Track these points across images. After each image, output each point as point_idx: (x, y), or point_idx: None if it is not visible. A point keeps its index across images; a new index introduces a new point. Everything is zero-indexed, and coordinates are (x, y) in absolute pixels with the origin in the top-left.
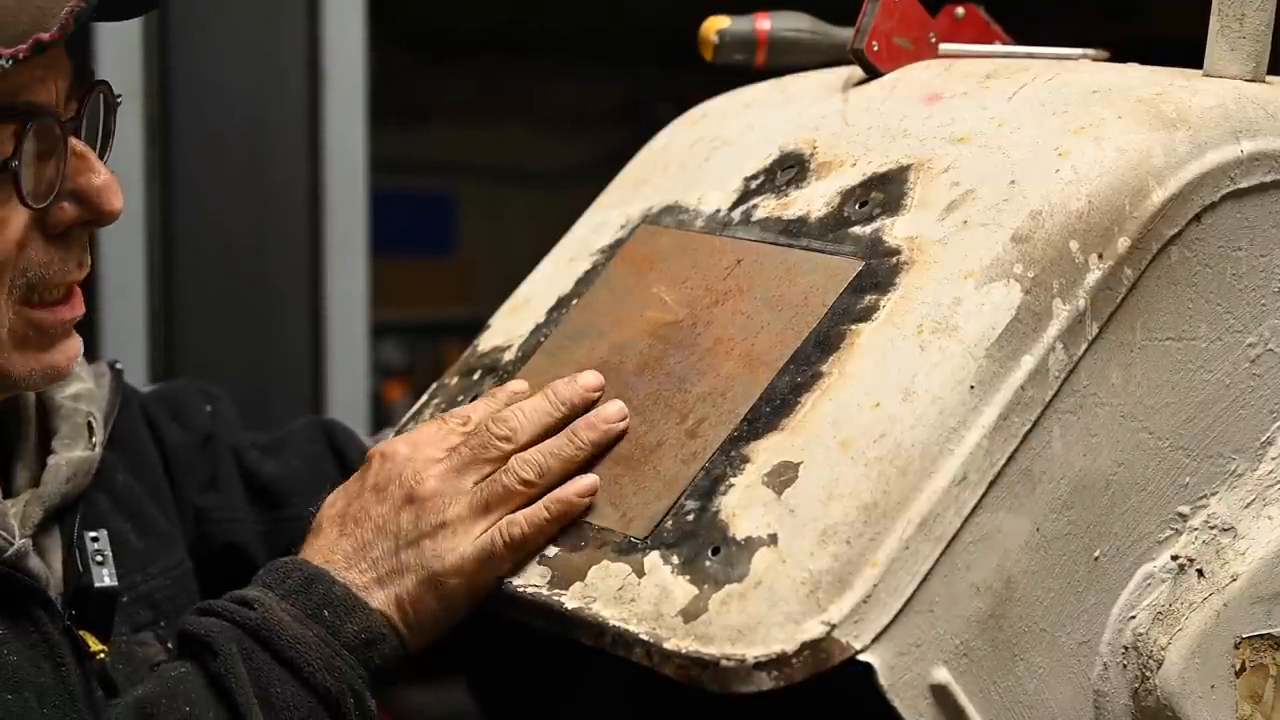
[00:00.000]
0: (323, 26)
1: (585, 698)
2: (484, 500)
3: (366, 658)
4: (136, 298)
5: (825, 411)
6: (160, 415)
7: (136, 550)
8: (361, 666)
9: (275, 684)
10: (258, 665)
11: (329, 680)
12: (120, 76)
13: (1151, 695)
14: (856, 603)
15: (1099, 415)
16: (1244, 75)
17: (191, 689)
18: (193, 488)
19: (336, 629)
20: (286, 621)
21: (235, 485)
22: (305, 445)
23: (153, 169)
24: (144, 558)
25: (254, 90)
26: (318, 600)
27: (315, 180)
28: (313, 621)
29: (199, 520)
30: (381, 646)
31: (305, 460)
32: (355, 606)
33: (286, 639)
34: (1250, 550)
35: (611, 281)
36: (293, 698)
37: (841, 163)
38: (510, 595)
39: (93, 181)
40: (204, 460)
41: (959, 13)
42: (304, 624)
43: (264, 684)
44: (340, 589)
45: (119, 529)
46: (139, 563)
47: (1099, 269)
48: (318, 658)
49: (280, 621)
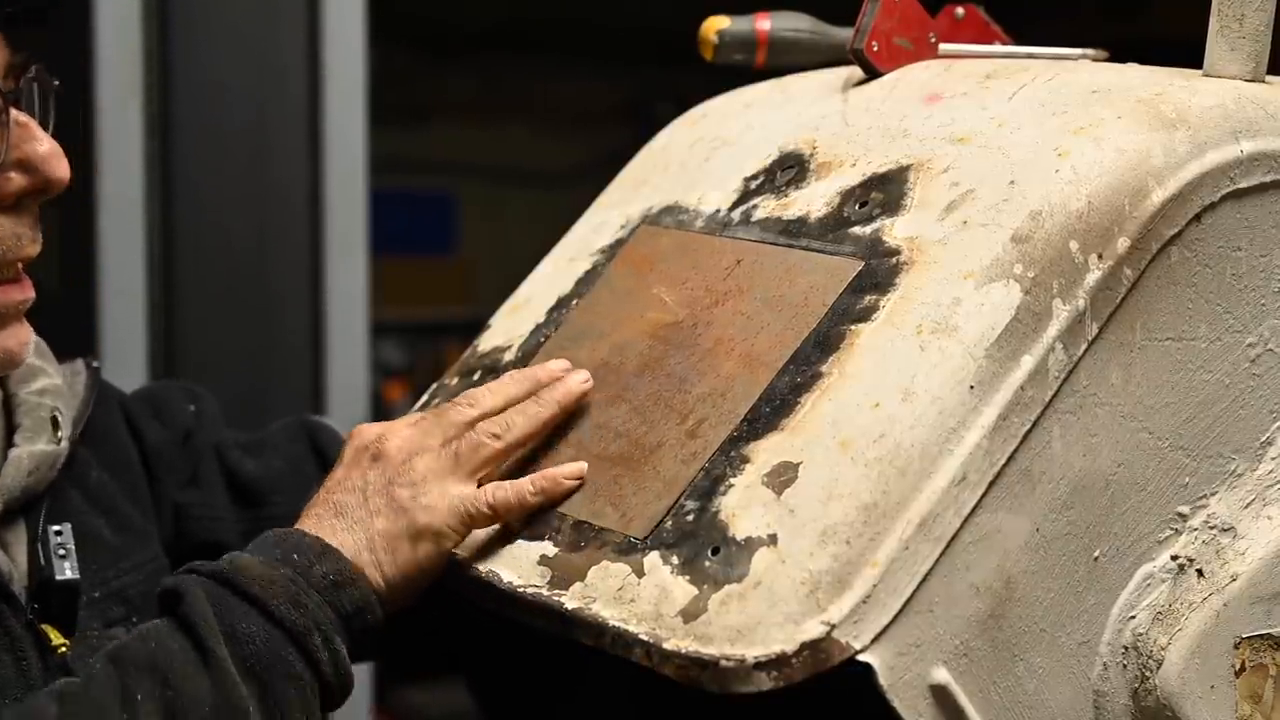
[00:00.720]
0: (323, 25)
1: (585, 698)
2: (453, 453)
3: (335, 599)
4: (136, 297)
5: (825, 412)
6: (141, 413)
7: (110, 546)
8: (329, 607)
9: (241, 620)
10: (224, 605)
11: (294, 615)
12: (120, 76)
13: (1151, 695)
14: (856, 603)
15: (1099, 415)
16: (1244, 75)
17: (159, 630)
18: (173, 485)
19: (305, 570)
20: (254, 564)
21: (216, 483)
22: (287, 445)
23: (153, 167)
24: (117, 553)
25: (254, 90)
26: (288, 549)
27: (315, 180)
28: (281, 565)
29: (178, 517)
30: (351, 590)
31: (287, 460)
32: (325, 551)
33: (251, 577)
34: (1250, 550)
35: (612, 282)
36: (259, 632)
37: (841, 163)
38: (510, 595)
39: (38, 150)
40: (184, 457)
41: (959, 13)
42: (272, 566)
43: (229, 620)
44: (311, 539)
45: (92, 524)
46: (112, 558)
47: (1099, 269)
48: (283, 593)
49: (247, 565)
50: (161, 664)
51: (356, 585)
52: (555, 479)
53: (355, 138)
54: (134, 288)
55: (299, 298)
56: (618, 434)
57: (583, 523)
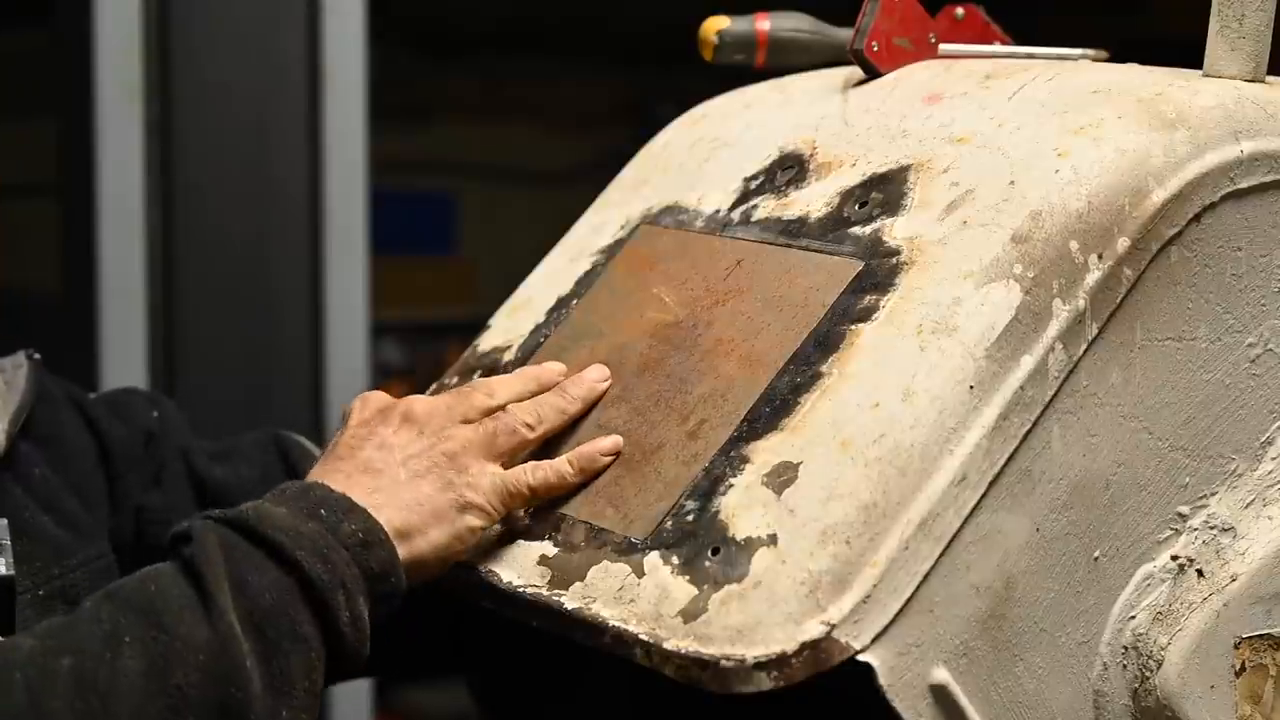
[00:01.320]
0: (323, 25)
1: (585, 698)
2: (491, 432)
3: (363, 559)
4: (136, 297)
5: (825, 412)
6: (100, 413)
7: (54, 543)
8: (356, 565)
9: (252, 571)
10: (237, 552)
11: (320, 569)
12: (120, 76)
13: (1151, 695)
14: (856, 603)
15: (1099, 415)
16: (1244, 75)
17: (162, 573)
18: (134, 484)
19: (334, 526)
20: (280, 514)
21: (182, 487)
22: (258, 455)
23: (153, 167)
24: (62, 551)
25: (254, 90)
26: (315, 500)
27: (315, 180)
28: (307, 518)
29: (139, 519)
30: (379, 551)
31: (256, 469)
32: (354, 509)
33: (273, 525)
34: (1250, 550)
35: (612, 282)
36: (271, 584)
37: (841, 163)
38: (510, 595)
39: None
40: (147, 458)
41: (959, 13)
42: (298, 518)
43: (240, 570)
44: (338, 495)
45: (35, 521)
46: (56, 555)
47: (1099, 269)
48: (309, 545)
49: (272, 514)
50: (158, 607)
51: (384, 546)
52: (593, 456)
53: (355, 138)
54: (134, 287)
55: (299, 298)
56: (618, 434)
57: (583, 523)
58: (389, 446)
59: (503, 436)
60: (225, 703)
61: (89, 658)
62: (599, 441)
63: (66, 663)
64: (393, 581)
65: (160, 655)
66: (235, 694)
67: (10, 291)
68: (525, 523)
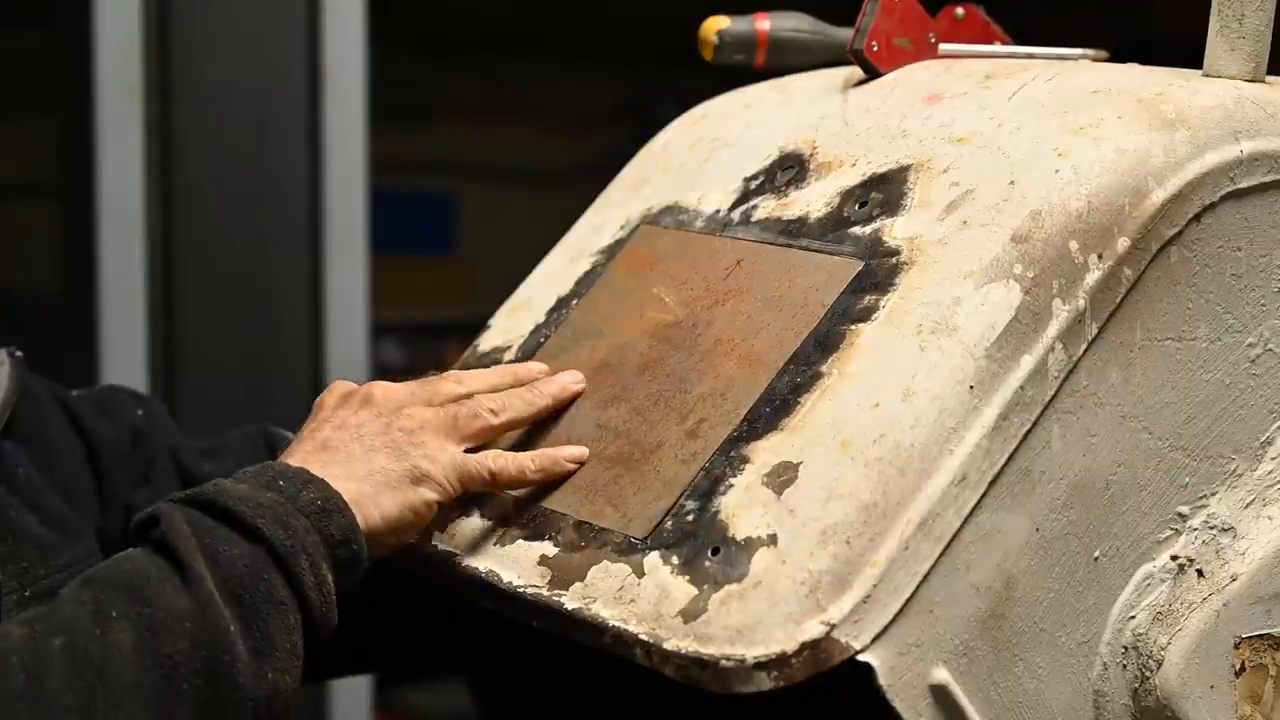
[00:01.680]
0: (323, 25)
1: (585, 698)
2: (452, 415)
3: (322, 525)
4: (136, 297)
5: (825, 412)
6: (85, 411)
7: (39, 543)
8: (316, 532)
9: (222, 542)
10: (203, 527)
11: (281, 535)
12: (120, 76)
13: (1151, 695)
14: (856, 603)
15: (1099, 415)
16: (1244, 75)
17: (135, 555)
18: (123, 483)
19: (293, 495)
20: (238, 487)
21: (171, 484)
22: (248, 451)
23: (153, 167)
24: (47, 551)
25: (254, 90)
26: (273, 475)
27: (315, 180)
28: (265, 489)
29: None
30: (339, 518)
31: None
32: (311, 479)
33: (234, 498)
34: (1250, 550)
35: (612, 282)
36: (241, 554)
37: (841, 163)
38: (510, 595)
39: None
40: (135, 456)
41: (959, 13)
42: (257, 490)
43: (210, 543)
44: (295, 469)
45: (21, 520)
46: (42, 556)
47: (1099, 269)
48: (270, 515)
49: (230, 488)
50: (138, 583)
51: (344, 514)
52: (555, 459)
53: (355, 138)
54: (134, 287)
55: (299, 298)
56: (618, 434)
57: (583, 523)
58: (346, 426)
59: (464, 420)
60: (213, 667)
61: (79, 636)
62: (565, 448)
63: (59, 643)
64: (354, 548)
65: (147, 628)
66: (222, 657)
67: (10, 291)
68: (525, 520)
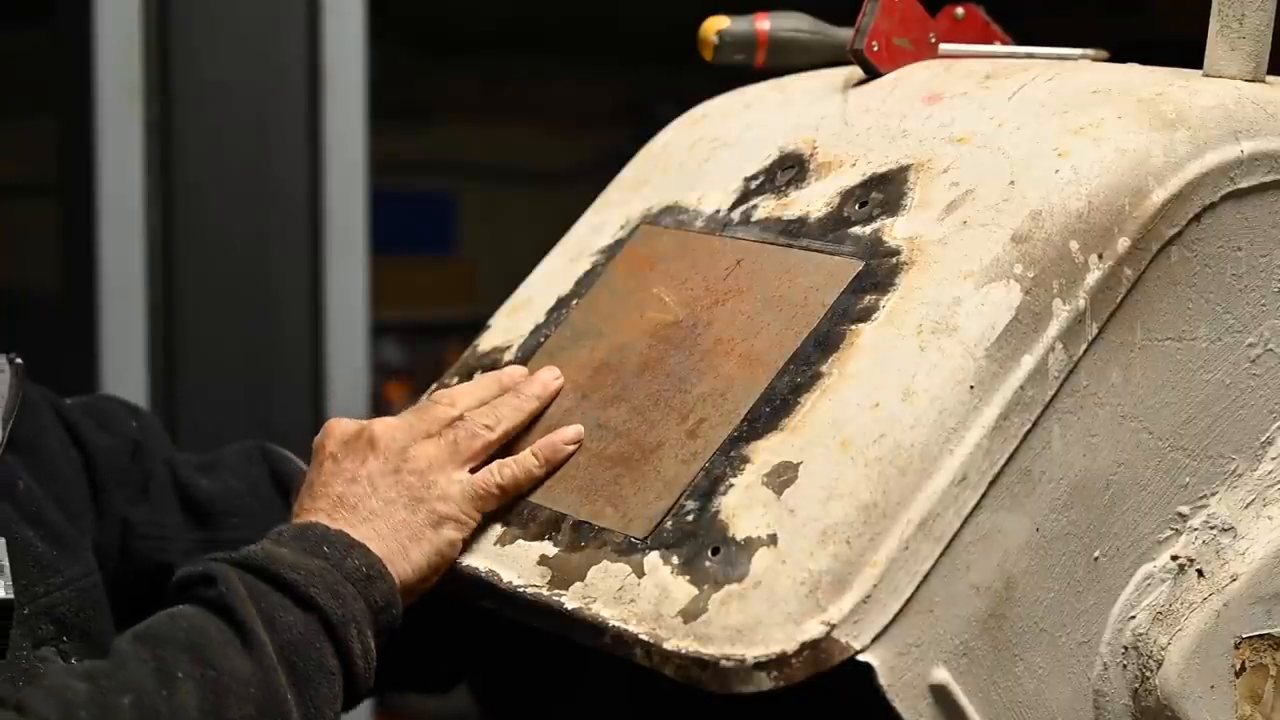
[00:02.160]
0: (323, 25)
1: (585, 698)
2: (452, 442)
3: (367, 591)
4: (136, 297)
5: (825, 412)
6: (82, 421)
7: (40, 560)
8: (362, 600)
9: (277, 609)
10: (258, 593)
11: (333, 605)
12: (120, 76)
13: (1151, 695)
14: (856, 603)
15: (1099, 415)
16: (1244, 75)
17: (191, 613)
18: (121, 498)
19: (338, 562)
20: (286, 554)
21: (168, 499)
22: (245, 468)
23: (153, 167)
24: (47, 568)
25: (254, 90)
26: (315, 539)
27: (315, 180)
28: (313, 556)
29: (125, 532)
30: (380, 584)
31: (244, 482)
32: (353, 545)
33: (287, 565)
34: (1250, 550)
35: (612, 282)
36: (296, 621)
37: (841, 163)
38: (510, 595)
39: None
40: (134, 469)
41: (959, 13)
42: (304, 556)
43: (266, 609)
44: (335, 533)
45: (23, 536)
46: (42, 573)
47: (1099, 269)
48: (321, 584)
49: (279, 555)
50: (199, 644)
51: (385, 579)
52: (554, 445)
53: (355, 138)
54: (134, 287)
55: (299, 298)
56: (617, 434)
57: (583, 523)
58: (358, 480)
59: (464, 443)
60: None
61: (147, 695)
62: (561, 431)
63: (127, 700)
64: (394, 613)
65: (212, 690)
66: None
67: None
68: (525, 520)
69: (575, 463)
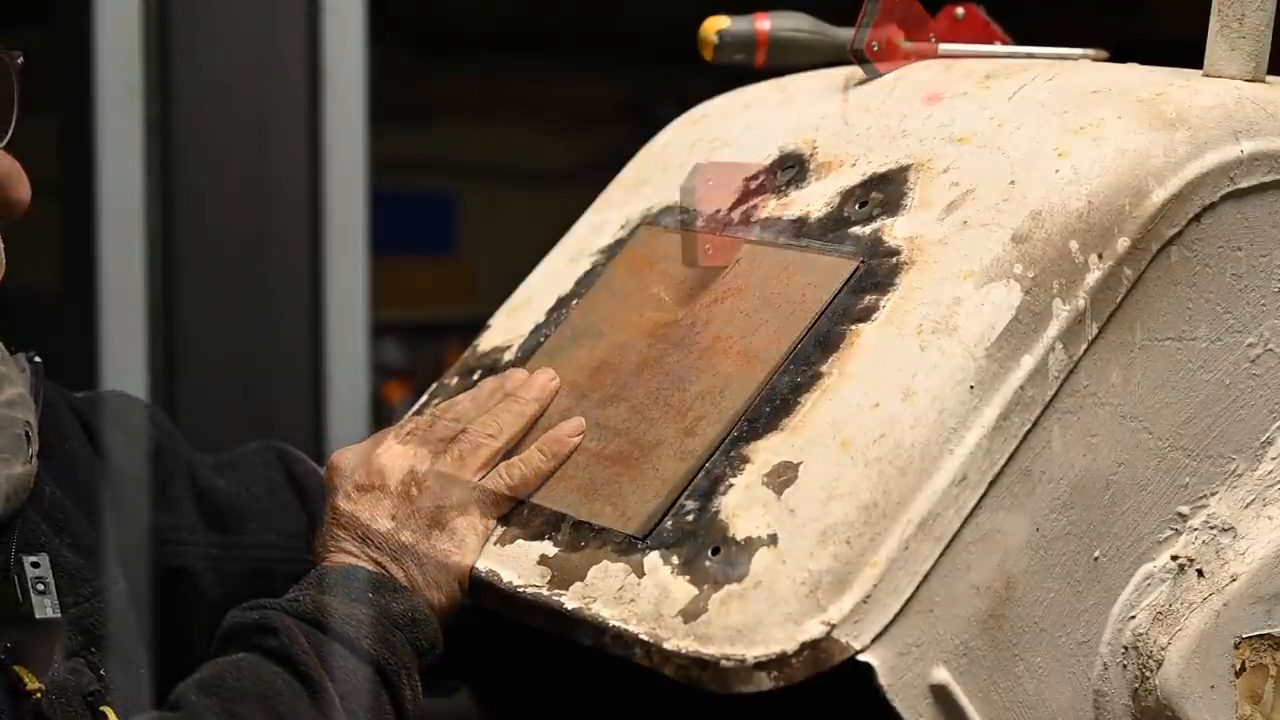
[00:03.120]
0: (323, 25)
1: (585, 698)
2: (459, 456)
3: (414, 637)
4: (136, 297)
5: (825, 411)
6: (91, 416)
7: (69, 570)
8: (410, 645)
9: (337, 658)
10: (316, 641)
11: (386, 655)
12: (120, 76)
13: (1151, 695)
14: (856, 603)
15: (1099, 415)
16: (1244, 75)
17: (255, 663)
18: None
19: (384, 609)
20: (335, 604)
21: (187, 501)
22: (263, 470)
23: (153, 168)
24: (76, 578)
25: (254, 90)
26: (360, 586)
27: (315, 180)
28: (360, 604)
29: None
30: (426, 627)
31: (262, 485)
32: (398, 589)
33: (339, 617)
34: (1250, 550)
35: (611, 282)
36: (354, 672)
37: (841, 163)
38: (510, 595)
39: None
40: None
41: (959, 13)
42: (352, 605)
43: (328, 659)
44: (379, 575)
45: (50, 547)
46: (71, 584)
47: (1099, 269)
48: (374, 634)
49: (329, 605)
50: (270, 697)
51: (429, 621)
52: (559, 439)
53: (355, 138)
54: (134, 288)
55: (299, 298)
56: (617, 433)
57: (582, 522)
58: (378, 518)
59: (470, 455)
60: None
61: None
62: (563, 425)
63: None
64: (437, 652)
65: None
66: None
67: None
68: (524, 520)
69: (574, 462)
